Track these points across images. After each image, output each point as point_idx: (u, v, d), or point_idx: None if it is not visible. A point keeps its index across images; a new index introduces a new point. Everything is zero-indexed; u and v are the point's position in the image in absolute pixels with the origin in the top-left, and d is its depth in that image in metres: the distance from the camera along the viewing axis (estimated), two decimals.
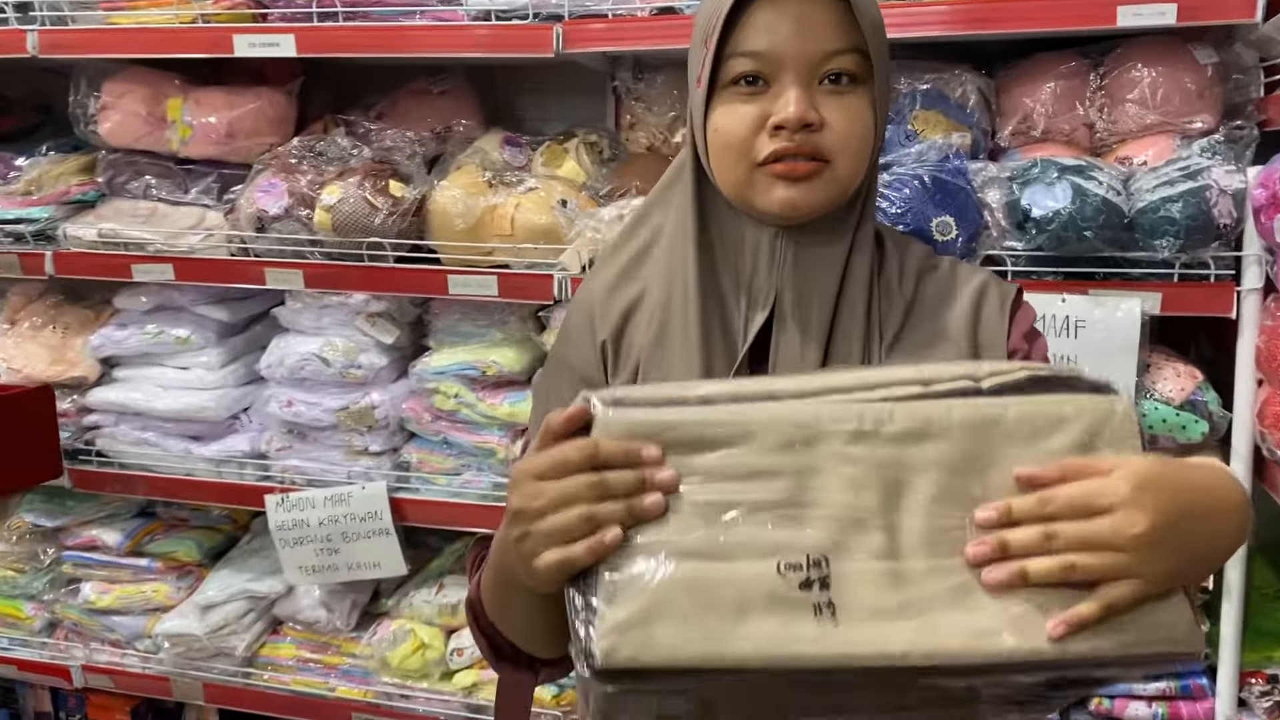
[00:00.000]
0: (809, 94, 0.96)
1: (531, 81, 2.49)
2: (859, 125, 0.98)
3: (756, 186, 0.99)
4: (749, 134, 0.97)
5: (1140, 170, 1.79)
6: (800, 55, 0.96)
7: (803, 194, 0.98)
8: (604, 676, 0.75)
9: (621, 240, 1.15)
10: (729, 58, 0.98)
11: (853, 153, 0.99)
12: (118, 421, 2.34)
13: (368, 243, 2.05)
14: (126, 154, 2.28)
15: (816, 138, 0.96)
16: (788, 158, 0.97)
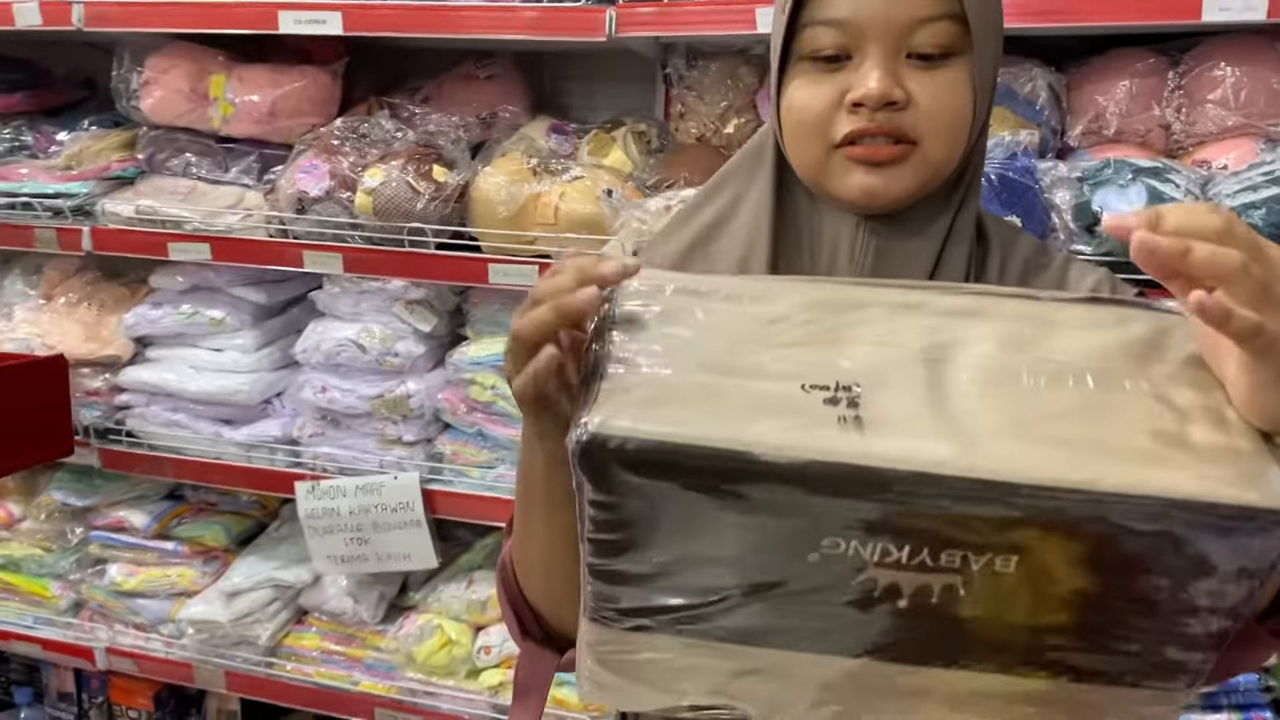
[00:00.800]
0: (895, 67, 0.87)
1: (580, 68, 2.43)
2: (953, 103, 0.88)
3: (833, 171, 0.90)
4: (826, 112, 0.88)
5: (1220, 174, 1.69)
6: (885, 23, 0.86)
7: (884, 181, 0.89)
8: (594, 455, 0.67)
9: (691, 210, 1.05)
10: (805, 26, 0.89)
11: (944, 134, 0.89)
12: (149, 402, 2.31)
13: (409, 228, 2.00)
14: (168, 131, 2.25)
15: (901, 117, 0.87)
16: (867, 139, 0.88)
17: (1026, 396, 0.71)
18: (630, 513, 0.70)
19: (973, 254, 0.96)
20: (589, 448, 0.67)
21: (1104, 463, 0.66)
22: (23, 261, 2.47)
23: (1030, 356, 0.75)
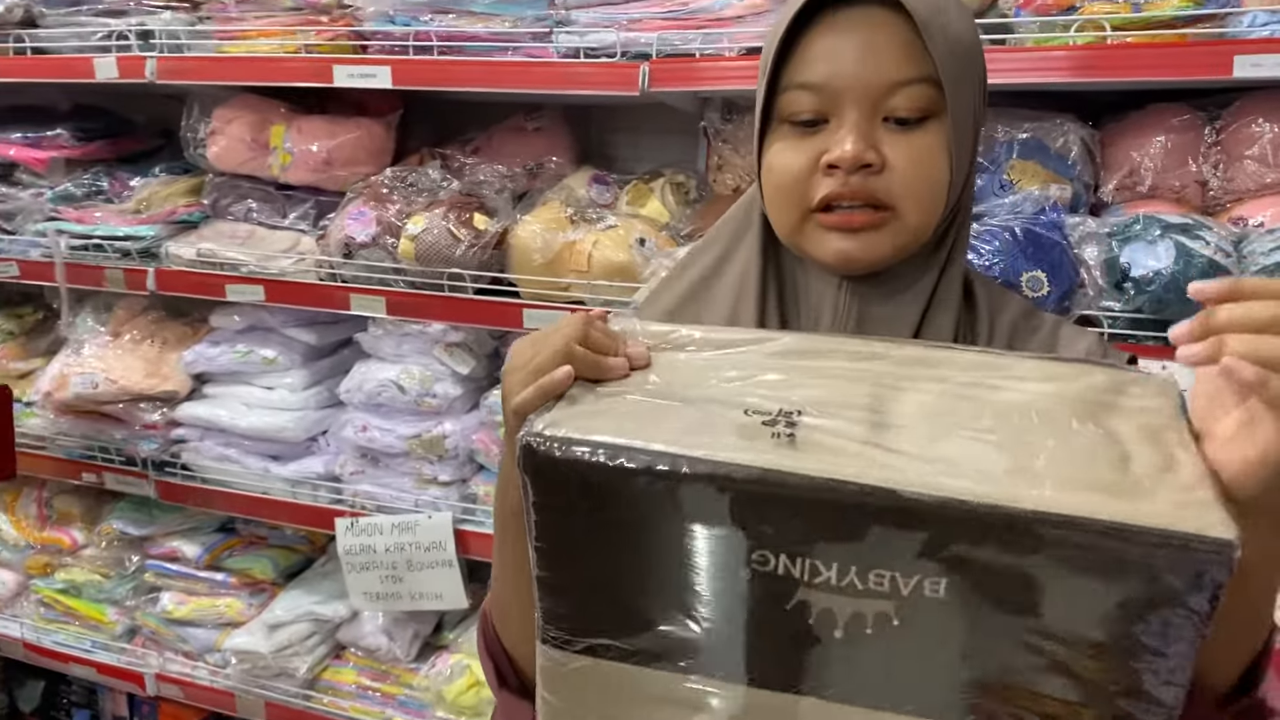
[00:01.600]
0: (870, 130, 0.88)
1: (625, 121, 2.49)
2: (929, 167, 0.88)
3: (810, 235, 0.91)
4: (803, 174, 0.89)
5: (1255, 231, 1.65)
6: (861, 87, 0.87)
7: (861, 246, 0.89)
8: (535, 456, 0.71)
9: (683, 266, 1.08)
10: (784, 90, 0.91)
11: (921, 198, 0.89)
12: (203, 436, 2.40)
13: (449, 273, 2.06)
14: (231, 178, 2.36)
15: (875, 181, 0.88)
16: (843, 206, 0.89)
17: (965, 425, 0.72)
18: (567, 516, 0.73)
19: (960, 318, 0.96)
20: (529, 449, 0.71)
21: (1029, 485, 0.66)
22: (95, 300, 2.60)
23: (978, 397, 0.76)
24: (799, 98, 0.90)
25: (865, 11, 0.88)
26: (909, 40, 0.87)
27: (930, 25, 0.86)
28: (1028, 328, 1.00)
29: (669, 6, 1.92)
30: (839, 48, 0.88)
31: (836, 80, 0.88)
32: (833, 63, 0.88)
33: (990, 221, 1.72)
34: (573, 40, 1.99)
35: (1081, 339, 0.99)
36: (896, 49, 0.87)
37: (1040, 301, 1.66)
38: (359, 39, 2.18)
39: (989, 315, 0.98)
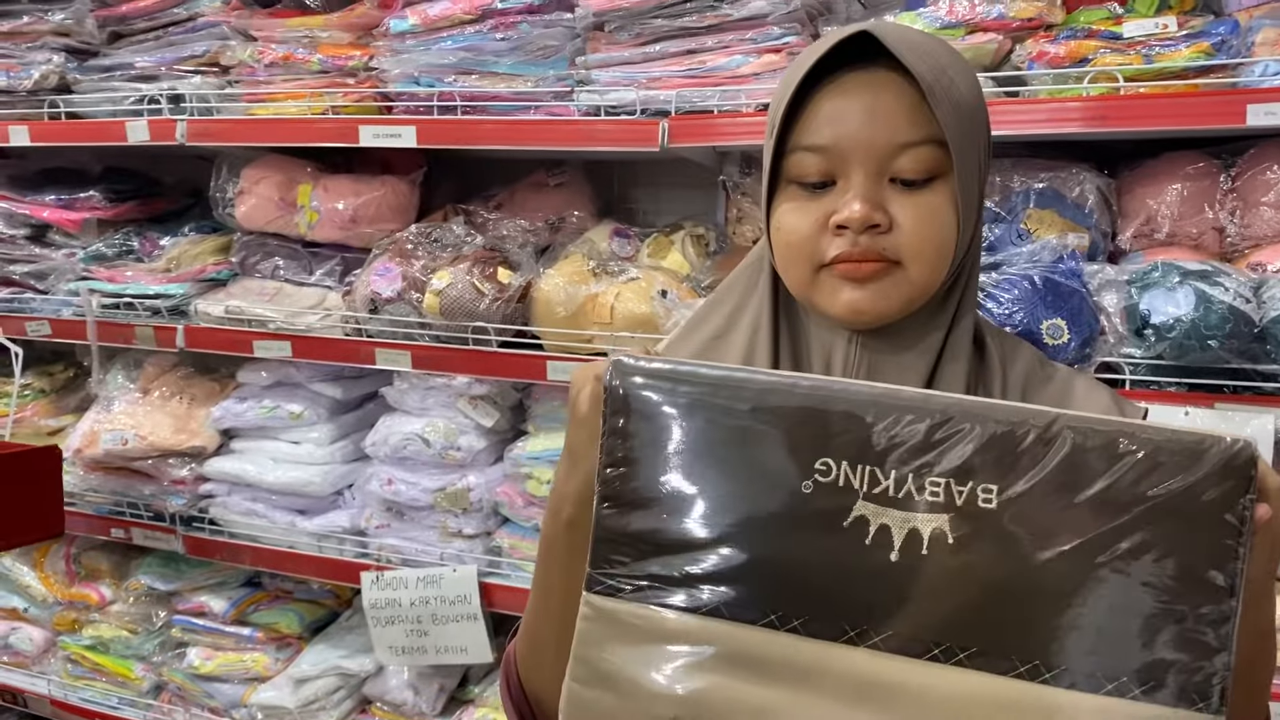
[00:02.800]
0: (877, 190, 0.89)
1: (646, 175, 2.53)
2: (935, 226, 0.90)
3: (821, 288, 0.93)
4: (812, 234, 0.91)
5: (1275, 277, 1.66)
6: (868, 149, 0.89)
7: (870, 298, 0.91)
8: (617, 378, 0.79)
9: (696, 322, 1.09)
10: (792, 151, 0.93)
11: (928, 256, 0.91)
12: (230, 491, 2.42)
13: (473, 326, 2.09)
14: (259, 236, 2.41)
15: (883, 240, 0.89)
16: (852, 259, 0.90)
17: None
18: (640, 436, 0.79)
19: (972, 370, 0.97)
20: (619, 366, 0.80)
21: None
22: (125, 357, 2.64)
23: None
24: (807, 160, 0.92)
25: (870, 74, 0.90)
26: (914, 103, 0.89)
27: (935, 89, 0.87)
28: (1041, 377, 1.01)
29: (687, 65, 1.96)
30: (845, 111, 0.90)
31: (844, 143, 0.90)
32: (839, 126, 0.90)
33: (1009, 270, 1.74)
34: (593, 99, 2.03)
35: (1096, 394, 1.00)
36: (902, 112, 0.89)
37: (1061, 349, 1.67)
38: (384, 100, 2.23)
39: (1001, 367, 0.99)
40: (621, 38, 2.02)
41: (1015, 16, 1.79)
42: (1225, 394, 1.66)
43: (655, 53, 1.99)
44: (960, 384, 0.96)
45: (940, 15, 1.81)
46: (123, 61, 2.45)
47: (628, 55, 2.01)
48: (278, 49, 2.29)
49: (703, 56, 1.96)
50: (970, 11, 1.80)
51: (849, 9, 2.01)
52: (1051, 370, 1.02)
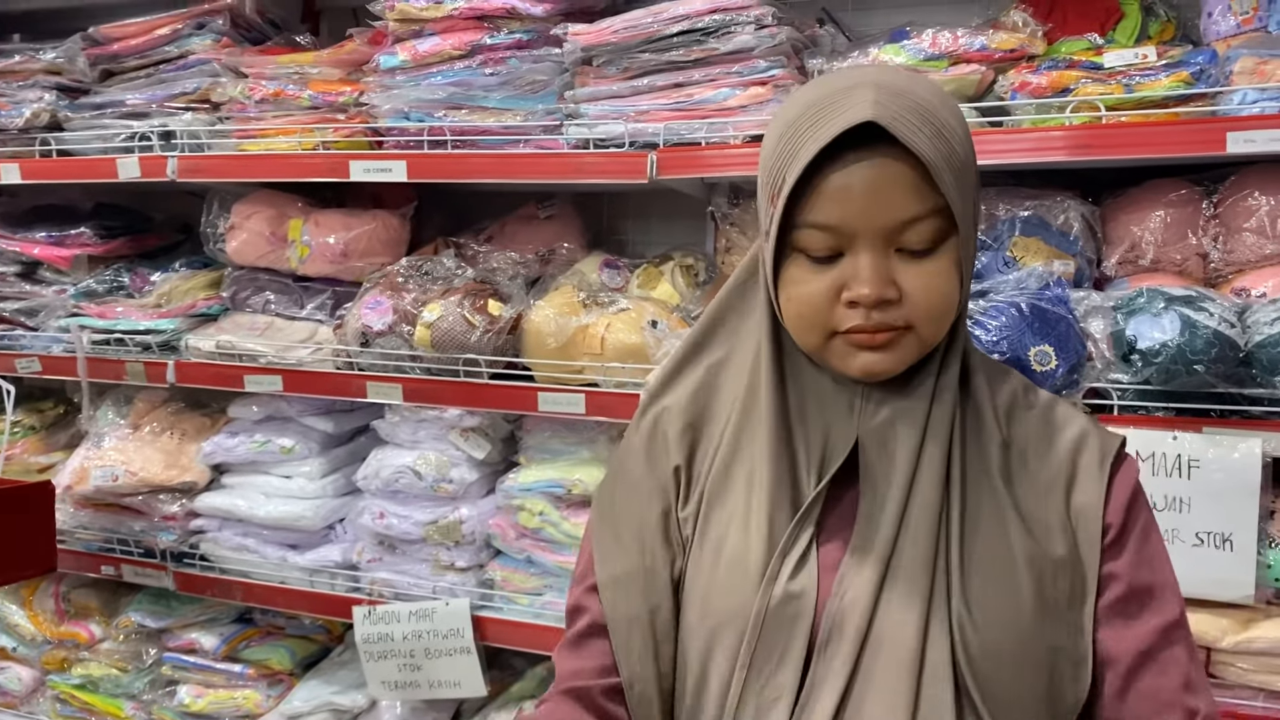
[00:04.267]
0: (885, 263, 0.91)
1: (635, 207, 2.54)
2: (942, 290, 0.93)
3: (835, 352, 0.96)
4: (824, 304, 0.93)
5: (1258, 302, 1.68)
6: (875, 226, 0.90)
7: (883, 360, 0.95)
8: None
9: (691, 354, 1.13)
10: (800, 226, 0.93)
11: (937, 317, 0.94)
12: (221, 526, 2.42)
13: (464, 358, 2.09)
14: (250, 271, 2.42)
15: (895, 312, 0.92)
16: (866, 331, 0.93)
17: None
18: None
19: (956, 404, 1.00)
20: None
21: None
22: (115, 393, 2.63)
23: None
24: (815, 237, 0.93)
25: (873, 153, 0.90)
26: (918, 177, 0.90)
27: (937, 164, 0.88)
28: (1025, 403, 1.04)
29: (674, 98, 1.99)
30: (851, 190, 0.90)
31: (852, 221, 0.91)
32: (846, 205, 0.90)
33: (996, 298, 1.75)
34: (582, 132, 2.05)
35: (1075, 420, 1.04)
36: (907, 189, 0.90)
37: (1049, 375, 1.68)
38: (374, 135, 2.25)
39: (990, 396, 1.03)
40: (609, 72, 2.04)
41: (997, 48, 1.81)
42: (1212, 418, 1.68)
43: (643, 86, 2.01)
44: (949, 415, 0.99)
45: (924, 48, 1.84)
46: (114, 99, 2.47)
47: (616, 89, 2.03)
48: (268, 85, 2.30)
49: (690, 90, 1.98)
50: (953, 44, 1.82)
51: (834, 42, 2.04)
52: (1034, 398, 1.06)
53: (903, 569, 0.94)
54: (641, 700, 1.03)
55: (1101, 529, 0.98)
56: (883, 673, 0.92)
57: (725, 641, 0.97)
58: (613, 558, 1.06)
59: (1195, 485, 1.65)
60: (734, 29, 1.92)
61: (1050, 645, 0.94)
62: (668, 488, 1.07)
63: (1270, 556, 1.64)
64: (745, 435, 1.04)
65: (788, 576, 0.96)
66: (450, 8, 2.10)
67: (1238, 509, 1.63)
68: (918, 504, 0.96)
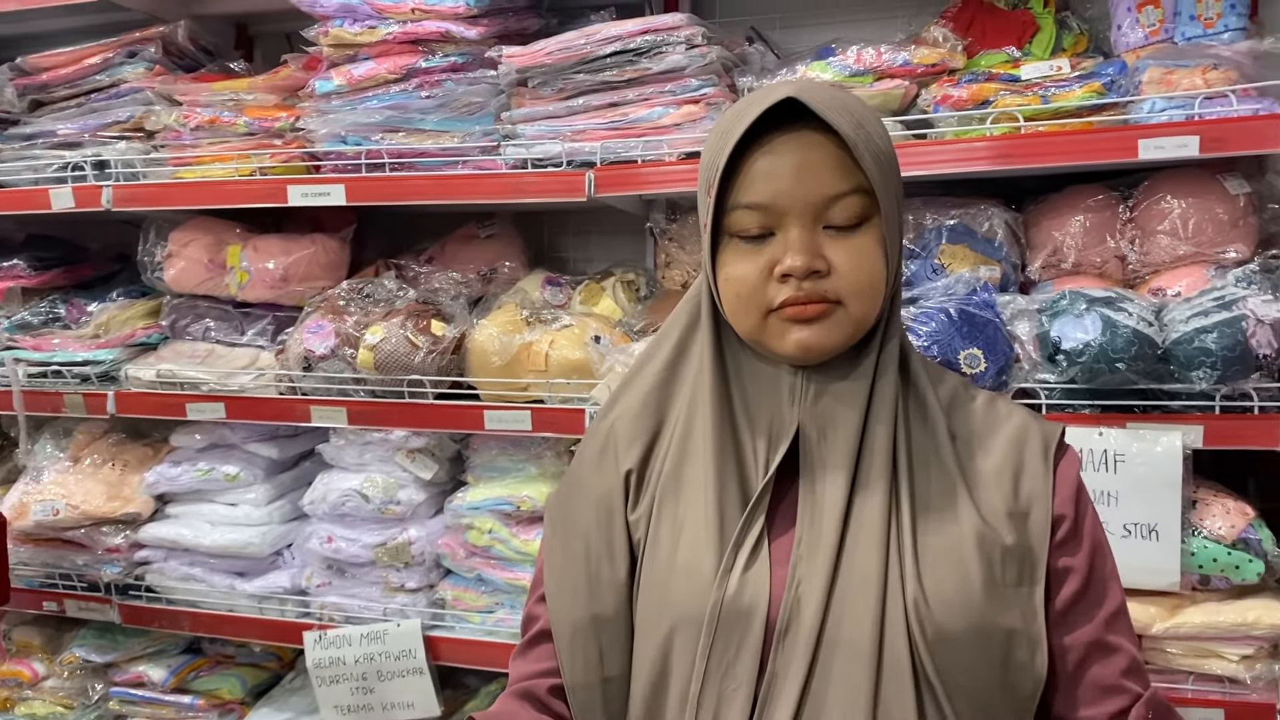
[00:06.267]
0: (814, 238, 0.96)
1: (576, 224, 2.57)
2: (868, 265, 0.97)
3: (771, 331, 0.99)
4: (759, 282, 0.98)
5: (1173, 301, 1.75)
6: (802, 202, 0.96)
7: (816, 335, 0.98)
8: None
9: (645, 360, 1.15)
10: (732, 209, 0.99)
11: (865, 292, 0.98)
12: (167, 557, 2.39)
13: (408, 380, 2.10)
14: (189, 298, 2.41)
15: (825, 283, 0.96)
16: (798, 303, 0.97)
17: None
18: None
19: (898, 384, 1.04)
20: None
21: None
22: (53, 425, 2.60)
23: None
24: (747, 217, 0.98)
25: (797, 134, 0.97)
26: (840, 156, 0.96)
27: (858, 143, 0.95)
28: (966, 397, 1.09)
29: (610, 117, 2.02)
30: (778, 169, 0.96)
31: (780, 200, 0.96)
32: (774, 183, 0.96)
33: (926, 304, 1.81)
34: (520, 152, 2.08)
35: (1016, 415, 1.08)
36: (830, 166, 0.96)
37: (978, 377, 1.74)
38: (312, 159, 2.26)
39: (931, 385, 1.06)
40: (545, 92, 2.07)
41: (919, 63, 1.88)
42: (1135, 414, 1.74)
43: (579, 106, 2.05)
44: (891, 396, 1.02)
45: (849, 64, 1.89)
46: (44, 129, 2.45)
47: (552, 109, 2.07)
48: (203, 112, 2.30)
49: (625, 109, 2.02)
50: (877, 59, 1.88)
51: (763, 60, 2.08)
52: (975, 393, 1.10)
53: (855, 558, 0.96)
54: (585, 707, 1.05)
55: (1052, 521, 1.01)
56: (842, 666, 0.94)
57: (683, 639, 0.99)
58: (558, 565, 1.09)
59: (1122, 479, 1.72)
60: (665, 49, 1.96)
61: (1004, 628, 0.96)
62: (616, 493, 1.08)
63: (1194, 545, 1.71)
64: (693, 434, 1.06)
65: (741, 570, 0.98)
66: (384, 32, 2.12)
67: (1162, 500, 1.70)
68: (867, 489, 0.99)
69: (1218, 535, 1.70)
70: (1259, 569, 1.69)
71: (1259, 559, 1.69)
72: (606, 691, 1.05)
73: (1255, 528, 1.71)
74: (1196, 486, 1.77)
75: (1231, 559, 1.69)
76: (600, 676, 1.05)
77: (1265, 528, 1.71)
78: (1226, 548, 1.70)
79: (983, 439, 1.05)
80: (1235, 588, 1.72)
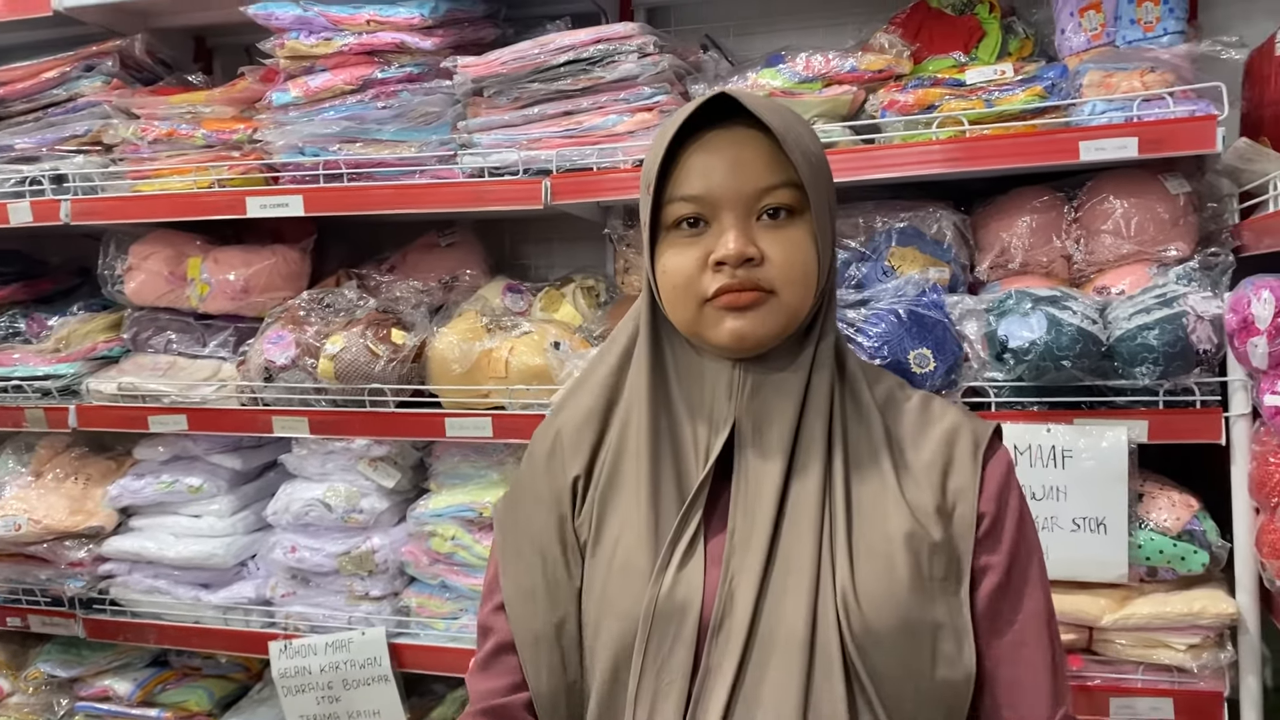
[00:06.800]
0: (748, 229, 0.99)
1: (536, 231, 2.59)
2: (800, 255, 1.01)
3: (706, 321, 1.02)
4: (695, 272, 1.00)
5: (1117, 299, 1.79)
6: (736, 194, 0.99)
7: (750, 324, 1.00)
8: None
9: (590, 371, 1.17)
10: (669, 203, 1.02)
11: (796, 282, 1.01)
12: (131, 570, 2.39)
13: (369, 389, 2.11)
14: (150, 311, 2.41)
15: (758, 272, 0.99)
16: (732, 291, 0.99)
17: None
18: None
19: (834, 380, 1.06)
20: None
21: None
22: (15, 440, 2.59)
23: None
24: (683, 209, 1.02)
25: (731, 130, 1.02)
26: (771, 152, 1.00)
27: (787, 138, 0.99)
28: (901, 397, 1.11)
29: (565, 126, 2.04)
30: (713, 163, 1.01)
31: (715, 191, 1.00)
32: (710, 177, 1.01)
33: (877, 305, 1.84)
34: (476, 161, 2.10)
35: (949, 414, 1.10)
36: (762, 160, 1.00)
37: (928, 376, 1.77)
38: (270, 170, 2.26)
39: (867, 384, 1.09)
40: (500, 102, 2.09)
41: (867, 69, 1.91)
42: (1082, 410, 1.78)
43: (534, 115, 2.07)
44: (826, 391, 1.05)
45: (798, 70, 1.92)
46: (1, 144, 2.44)
47: (508, 118, 2.08)
48: (161, 125, 2.30)
49: (579, 117, 2.04)
50: (825, 66, 1.91)
51: (717, 67, 2.11)
52: (911, 393, 1.12)
53: (789, 552, 0.98)
54: (551, 714, 1.06)
55: (975, 517, 1.02)
56: (774, 661, 0.95)
57: (626, 638, 1.00)
58: (516, 573, 1.10)
59: (1070, 474, 1.75)
60: (618, 58, 1.98)
61: (930, 622, 0.97)
62: (564, 499, 1.10)
63: (1140, 537, 1.74)
64: (629, 433, 1.08)
65: (676, 567, 0.99)
66: (340, 44, 2.13)
67: (1109, 494, 1.74)
68: (801, 483, 1.01)
69: (1164, 527, 1.74)
70: (1204, 560, 1.73)
71: (1204, 550, 1.73)
72: (571, 697, 1.06)
73: (1200, 519, 1.75)
74: (1143, 480, 1.81)
75: (1177, 550, 1.73)
76: (565, 683, 1.06)
77: (1210, 519, 1.75)
78: (1172, 539, 1.73)
79: (915, 437, 1.07)
80: (1182, 578, 1.76)
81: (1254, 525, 1.71)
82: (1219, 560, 1.74)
